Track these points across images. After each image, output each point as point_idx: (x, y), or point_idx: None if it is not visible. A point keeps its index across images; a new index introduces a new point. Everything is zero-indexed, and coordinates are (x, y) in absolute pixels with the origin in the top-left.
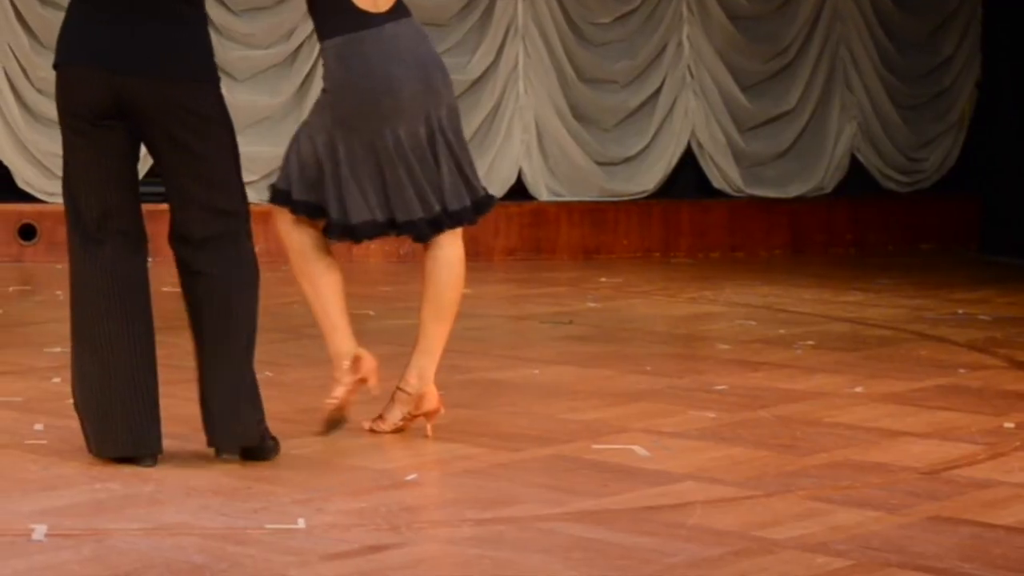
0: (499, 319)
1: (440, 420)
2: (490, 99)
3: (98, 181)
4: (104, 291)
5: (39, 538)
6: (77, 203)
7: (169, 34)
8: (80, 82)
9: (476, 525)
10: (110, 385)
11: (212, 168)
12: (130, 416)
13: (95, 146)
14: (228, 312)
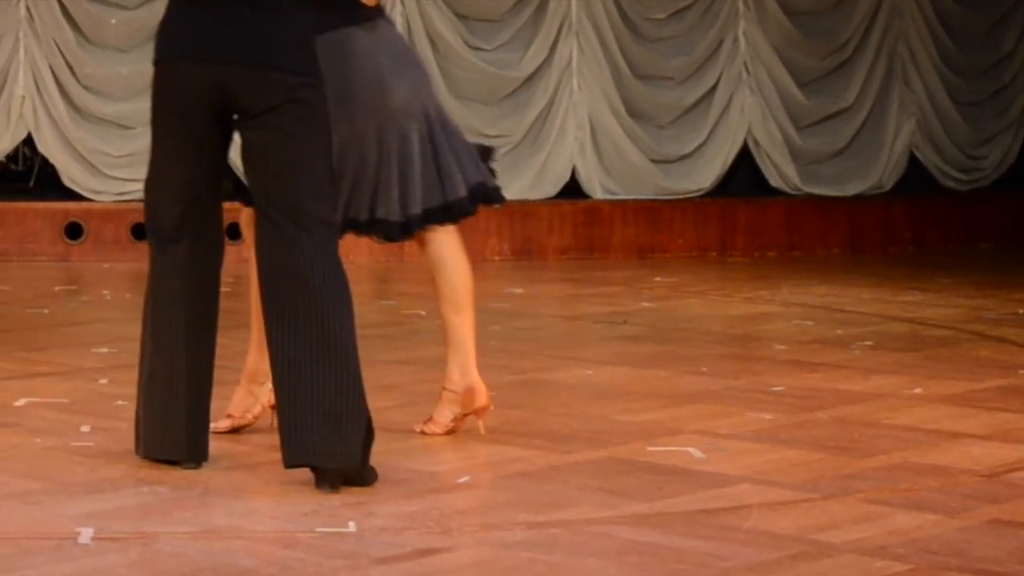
0: (552, 319)
1: (492, 421)
2: (543, 96)
3: (183, 182)
4: (174, 291)
5: (85, 541)
6: (158, 202)
7: (274, 27)
8: (182, 78)
9: (528, 528)
10: (168, 386)
11: (310, 167)
12: (180, 419)
13: (186, 144)
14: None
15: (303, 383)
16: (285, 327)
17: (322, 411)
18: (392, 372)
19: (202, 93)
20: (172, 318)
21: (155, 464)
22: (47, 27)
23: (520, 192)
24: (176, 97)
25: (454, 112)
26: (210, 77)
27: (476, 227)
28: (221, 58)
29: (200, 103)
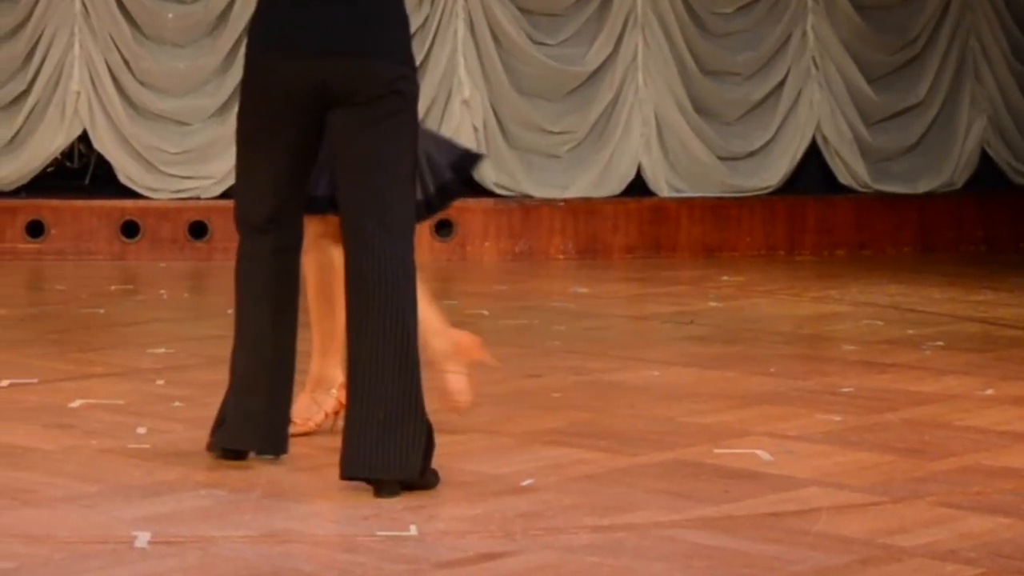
0: (618, 319)
1: (557, 423)
2: (608, 92)
3: (276, 177)
4: (259, 284)
5: (142, 545)
6: (249, 196)
7: (373, 17)
8: (281, 73)
9: (594, 532)
10: (251, 377)
11: (395, 163)
12: (261, 409)
13: (281, 140)
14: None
15: (367, 389)
16: (358, 330)
17: (382, 419)
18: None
19: (301, 88)
20: (256, 310)
21: (213, 466)
22: (103, 22)
23: (585, 190)
24: (274, 93)
25: (517, 108)
26: (310, 71)
27: (540, 225)
28: (322, 51)
29: (299, 98)
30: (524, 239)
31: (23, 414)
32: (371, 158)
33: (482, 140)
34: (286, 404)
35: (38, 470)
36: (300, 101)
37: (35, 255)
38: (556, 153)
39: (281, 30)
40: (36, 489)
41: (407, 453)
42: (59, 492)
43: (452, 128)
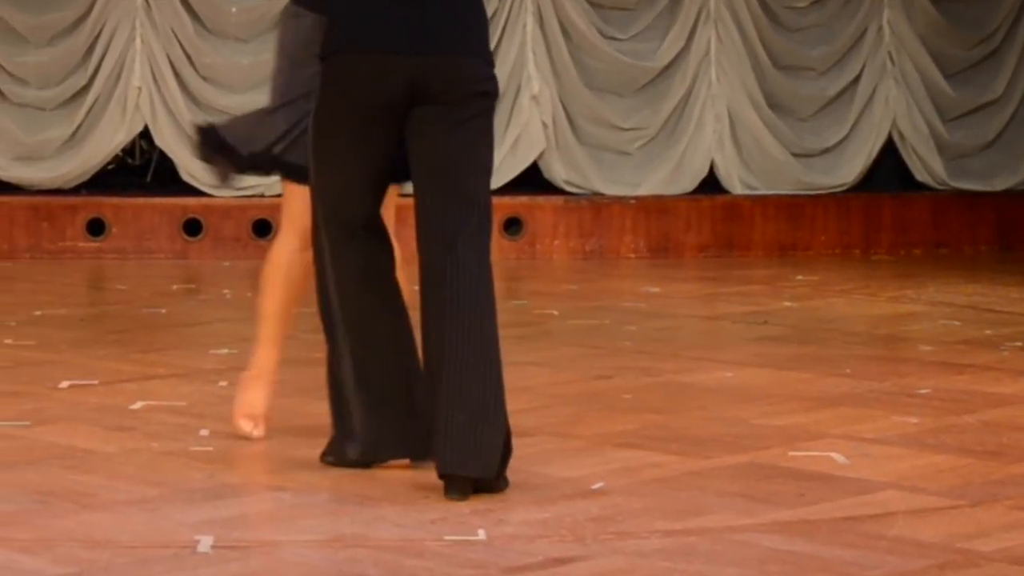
0: (690, 319)
1: (628, 425)
2: (680, 87)
3: (371, 176)
4: (371, 288)
5: (205, 550)
6: (344, 198)
7: (465, 15)
8: (371, 69)
9: (666, 536)
10: (387, 383)
11: (479, 165)
12: (403, 415)
13: (371, 137)
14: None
15: (452, 391)
16: (441, 331)
17: (465, 421)
18: (525, 374)
19: (397, 85)
20: (372, 314)
21: (277, 469)
22: (165, 16)
23: (656, 187)
24: (362, 89)
25: (588, 104)
26: (404, 68)
27: (611, 224)
28: (417, 48)
29: (393, 96)
30: (595, 237)
31: (83, 416)
32: (460, 159)
33: (551, 137)
34: (425, 406)
35: (99, 473)
36: (393, 99)
37: (96, 254)
38: (627, 150)
39: (375, 25)
40: (97, 492)
41: (488, 453)
42: (120, 495)
43: (521, 124)
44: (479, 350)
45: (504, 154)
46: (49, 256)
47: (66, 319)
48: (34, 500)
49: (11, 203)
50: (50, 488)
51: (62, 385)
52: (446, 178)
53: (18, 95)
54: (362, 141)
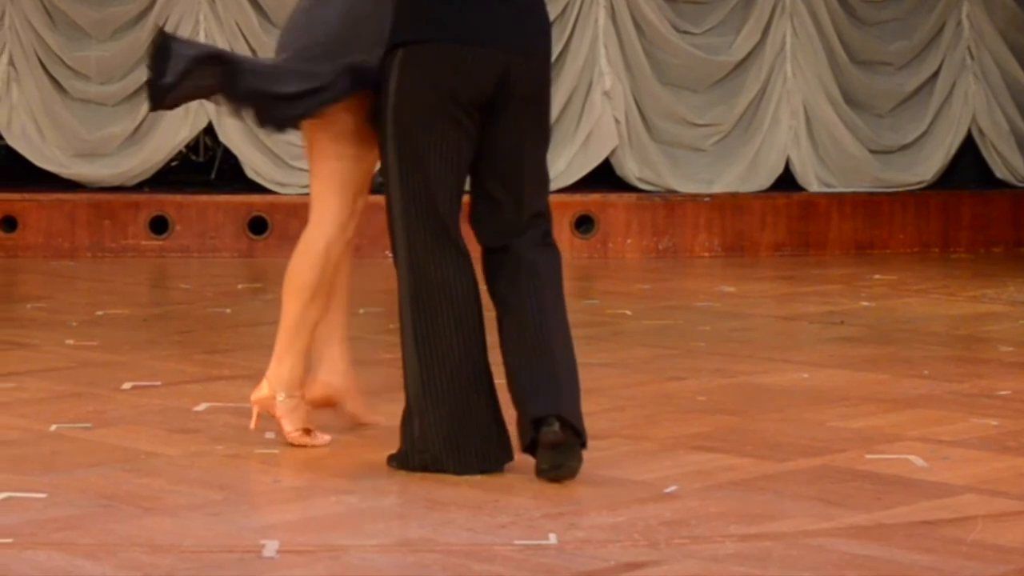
0: (765, 319)
1: (702, 428)
2: (755, 82)
3: (457, 174)
4: (463, 293)
5: (270, 555)
6: (435, 197)
7: (542, 15)
8: (464, 62)
9: (740, 541)
10: (476, 392)
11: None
12: (492, 423)
13: (458, 133)
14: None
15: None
16: (532, 313)
17: (565, 372)
18: (597, 375)
19: (487, 79)
20: (447, 324)
21: (344, 472)
22: (229, 10)
23: (731, 184)
24: (454, 83)
25: (661, 100)
26: (498, 63)
27: (684, 222)
28: (509, 44)
29: (481, 90)
30: (668, 236)
31: (146, 418)
32: (531, 155)
33: (624, 133)
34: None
35: (162, 476)
36: (483, 95)
37: (159, 252)
38: (701, 146)
39: (470, 16)
40: (160, 496)
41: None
42: (184, 499)
43: (593, 121)
44: (566, 329)
45: (576, 151)
46: (111, 255)
47: (129, 319)
48: (96, 504)
49: (72, 201)
50: (113, 492)
51: (125, 387)
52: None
53: (79, 90)
54: (446, 140)
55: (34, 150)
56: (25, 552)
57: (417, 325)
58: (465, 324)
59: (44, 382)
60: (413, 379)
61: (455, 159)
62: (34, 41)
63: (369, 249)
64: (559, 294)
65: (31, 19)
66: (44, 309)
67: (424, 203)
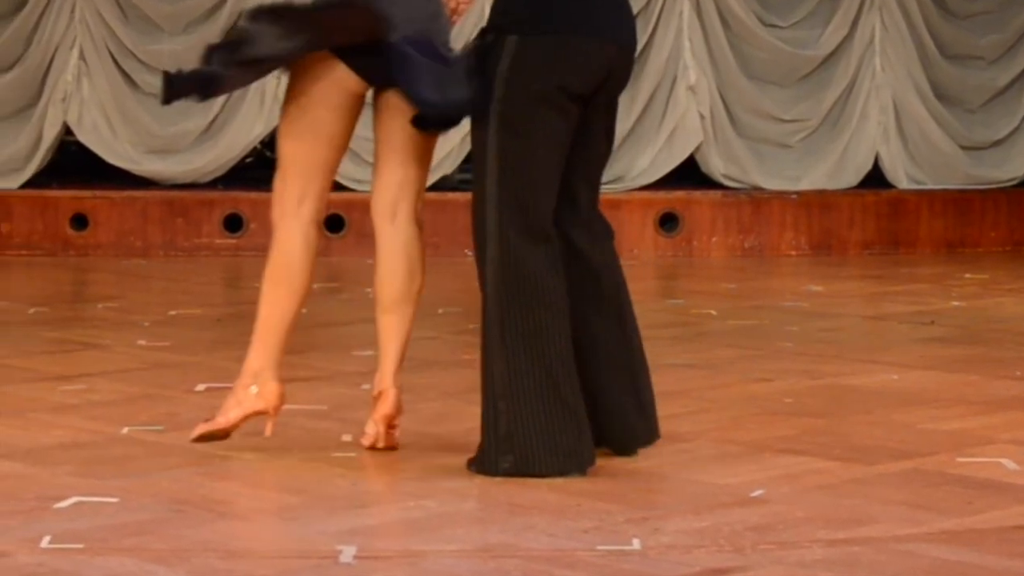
0: (853, 319)
1: (789, 431)
2: (843, 77)
3: (558, 169)
4: (560, 291)
5: (347, 560)
6: (538, 193)
7: (627, 1)
8: (586, 55)
9: (828, 546)
10: (573, 392)
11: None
12: (585, 424)
13: (566, 127)
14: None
15: (632, 371)
16: (607, 317)
17: (644, 400)
18: (681, 376)
19: (599, 72)
20: (555, 317)
21: (422, 476)
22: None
23: (818, 182)
24: (577, 76)
25: (747, 95)
26: (604, 54)
27: (771, 220)
28: (614, 34)
29: (591, 83)
30: (754, 234)
31: None
32: (606, 153)
33: (709, 129)
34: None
35: (236, 480)
36: (592, 88)
37: (233, 251)
38: (788, 143)
39: (578, 7)
40: (235, 501)
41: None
42: (259, 504)
43: (677, 116)
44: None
45: (660, 147)
46: (184, 253)
47: (201, 319)
48: (169, 508)
49: (145, 198)
50: (186, 496)
51: (198, 388)
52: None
53: (152, 85)
54: (554, 133)
55: (105, 146)
56: (96, 558)
57: (506, 320)
58: (556, 320)
59: (116, 384)
60: (500, 377)
61: (559, 152)
62: (105, 35)
63: (448, 248)
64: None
65: (102, 12)
66: (116, 309)
67: (525, 196)
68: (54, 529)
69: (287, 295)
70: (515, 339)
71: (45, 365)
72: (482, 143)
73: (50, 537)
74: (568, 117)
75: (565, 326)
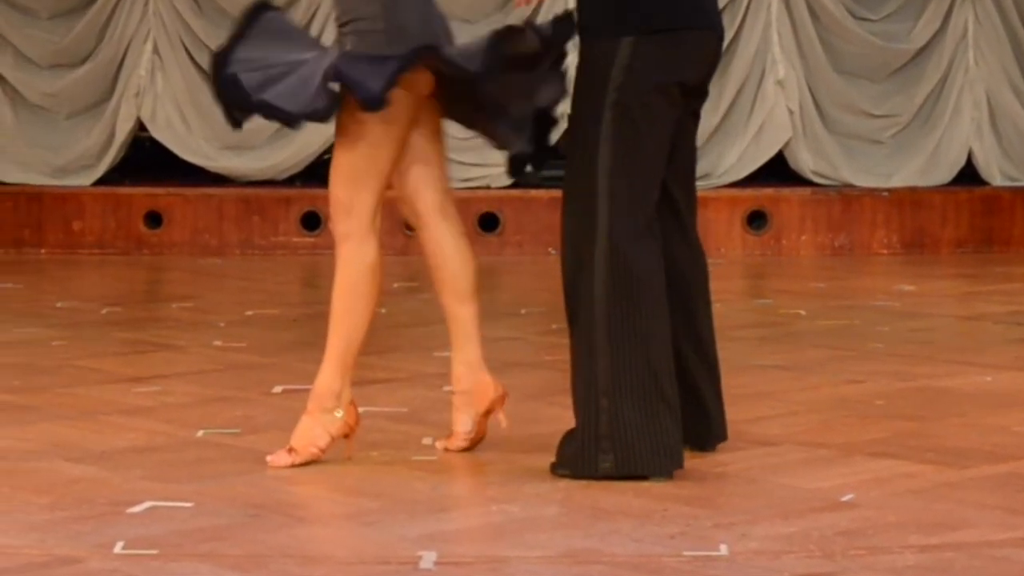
0: (946, 319)
1: (880, 433)
2: (936, 71)
3: (659, 172)
4: (661, 287)
5: (427, 566)
6: (648, 188)
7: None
8: (701, 48)
9: (920, 552)
10: (672, 389)
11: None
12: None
13: (672, 123)
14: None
15: (714, 367)
16: (700, 316)
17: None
18: (769, 378)
19: (710, 64)
20: (661, 313)
21: (504, 480)
22: None
23: (910, 178)
24: (693, 70)
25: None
26: (711, 45)
27: (861, 218)
28: (717, 24)
29: (701, 74)
30: (844, 232)
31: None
32: (693, 156)
33: (798, 124)
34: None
35: (314, 484)
36: (700, 78)
37: (310, 249)
38: (879, 138)
39: (697, 1)
40: (312, 505)
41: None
42: (337, 508)
43: (765, 111)
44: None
45: (747, 143)
46: (261, 252)
47: (278, 320)
48: (245, 513)
49: (220, 196)
50: (262, 500)
51: (275, 390)
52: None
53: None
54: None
55: (179, 142)
56: (170, 564)
57: (613, 317)
58: (660, 318)
59: (191, 385)
60: (604, 373)
61: (666, 148)
62: (179, 28)
63: (531, 246)
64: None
65: (176, 5)
66: (191, 309)
67: (637, 189)
68: (127, 534)
69: (367, 310)
70: (621, 336)
71: (118, 366)
72: (590, 137)
73: (123, 542)
74: (677, 111)
75: (667, 324)
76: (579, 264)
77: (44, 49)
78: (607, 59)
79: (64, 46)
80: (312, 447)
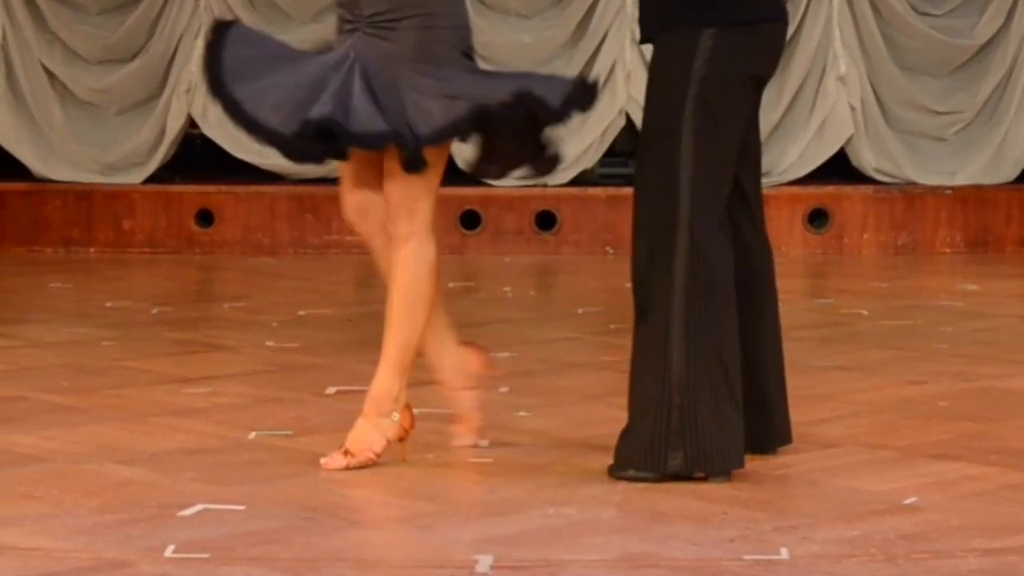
0: (1010, 319)
1: (942, 435)
2: (1000, 67)
3: (733, 166)
4: (731, 282)
5: (484, 570)
6: (718, 190)
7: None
8: (777, 40)
9: (984, 556)
10: (735, 384)
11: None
12: (741, 421)
13: (748, 117)
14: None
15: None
16: (764, 313)
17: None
18: (830, 379)
19: (779, 53)
20: (733, 311)
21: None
22: None
23: (974, 176)
24: (770, 62)
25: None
26: (783, 36)
27: (924, 216)
28: (786, 13)
29: (775, 65)
30: (907, 231)
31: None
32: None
33: (860, 121)
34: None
35: (368, 487)
36: (774, 70)
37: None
38: (942, 135)
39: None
40: (366, 508)
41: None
42: (392, 511)
43: (827, 107)
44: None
45: (808, 140)
46: (314, 251)
47: (330, 320)
48: (298, 516)
49: (272, 193)
50: (315, 503)
51: (328, 391)
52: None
53: None
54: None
55: (231, 140)
56: (222, 568)
57: (690, 311)
58: (732, 315)
59: (243, 386)
60: (678, 368)
61: (739, 142)
62: None
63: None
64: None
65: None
66: (243, 309)
67: (713, 186)
68: (178, 538)
69: (426, 311)
70: (696, 331)
71: (169, 367)
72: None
73: (174, 546)
74: (752, 103)
75: (736, 323)
76: (653, 256)
77: (93, 44)
78: (689, 51)
79: (114, 41)
80: (369, 452)
